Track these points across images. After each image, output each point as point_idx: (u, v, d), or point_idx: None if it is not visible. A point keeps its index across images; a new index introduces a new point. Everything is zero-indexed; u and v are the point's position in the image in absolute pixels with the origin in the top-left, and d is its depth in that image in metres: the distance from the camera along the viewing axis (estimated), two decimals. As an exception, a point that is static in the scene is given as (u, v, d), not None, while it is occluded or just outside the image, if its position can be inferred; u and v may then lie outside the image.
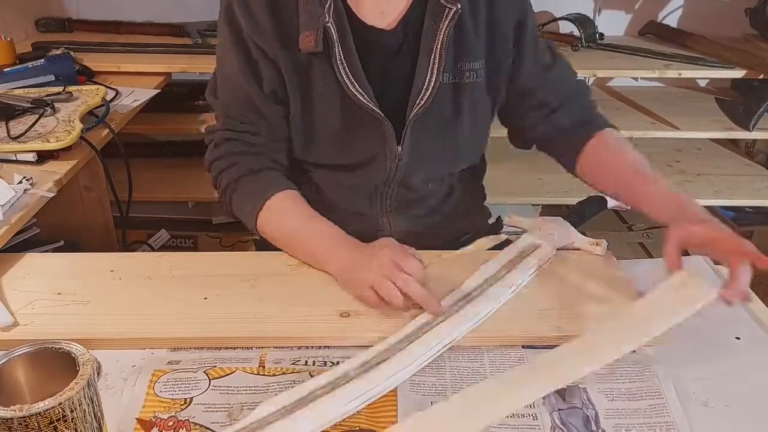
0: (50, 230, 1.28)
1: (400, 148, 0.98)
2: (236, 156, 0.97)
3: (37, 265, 0.94)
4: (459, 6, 0.90)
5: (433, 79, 0.93)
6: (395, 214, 1.06)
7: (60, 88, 1.40)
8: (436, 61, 0.93)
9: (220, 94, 0.99)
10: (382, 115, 0.94)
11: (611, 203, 1.11)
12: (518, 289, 0.86)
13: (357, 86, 0.92)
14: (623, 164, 0.96)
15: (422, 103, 0.94)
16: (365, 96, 0.93)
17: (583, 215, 1.04)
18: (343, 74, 0.91)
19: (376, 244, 0.86)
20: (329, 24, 0.89)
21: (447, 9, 0.90)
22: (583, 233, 0.99)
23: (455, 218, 1.12)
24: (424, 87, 0.94)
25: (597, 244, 0.95)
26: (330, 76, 0.93)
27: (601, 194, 1.13)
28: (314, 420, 0.66)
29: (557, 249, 0.94)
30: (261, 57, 0.93)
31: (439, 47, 0.92)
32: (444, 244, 1.00)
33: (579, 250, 0.96)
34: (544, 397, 0.70)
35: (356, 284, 0.83)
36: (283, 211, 0.94)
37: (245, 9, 0.92)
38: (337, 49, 0.90)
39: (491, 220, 1.20)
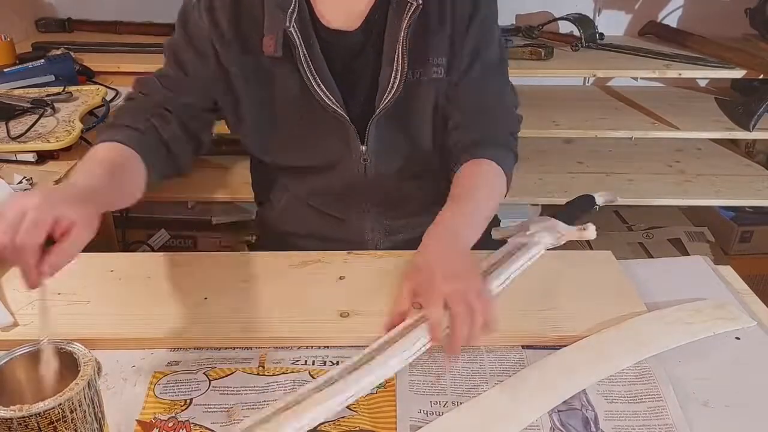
0: (50, 230, 1.27)
1: (364, 148, 0.98)
2: (121, 109, 0.97)
3: (37, 265, 0.94)
4: (420, 1, 0.89)
5: (398, 76, 0.92)
6: (378, 216, 1.06)
7: (60, 88, 1.40)
8: (400, 58, 0.92)
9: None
10: (348, 118, 0.95)
11: (599, 200, 1.11)
12: (507, 284, 0.84)
13: (324, 90, 0.92)
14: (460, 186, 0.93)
15: (388, 100, 0.94)
16: (332, 99, 0.93)
17: (573, 215, 1.04)
18: (309, 78, 0.92)
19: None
20: (290, 29, 0.89)
21: (408, 5, 0.90)
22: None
23: None
24: (389, 85, 0.93)
25: (584, 229, 0.94)
26: (295, 78, 0.93)
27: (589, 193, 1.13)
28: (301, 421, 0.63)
29: (550, 249, 0.93)
30: (213, 56, 0.94)
31: (401, 44, 0.91)
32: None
33: (571, 241, 0.95)
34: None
35: None
36: (88, 157, 0.87)
37: (210, 16, 0.92)
38: (300, 53, 0.91)
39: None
